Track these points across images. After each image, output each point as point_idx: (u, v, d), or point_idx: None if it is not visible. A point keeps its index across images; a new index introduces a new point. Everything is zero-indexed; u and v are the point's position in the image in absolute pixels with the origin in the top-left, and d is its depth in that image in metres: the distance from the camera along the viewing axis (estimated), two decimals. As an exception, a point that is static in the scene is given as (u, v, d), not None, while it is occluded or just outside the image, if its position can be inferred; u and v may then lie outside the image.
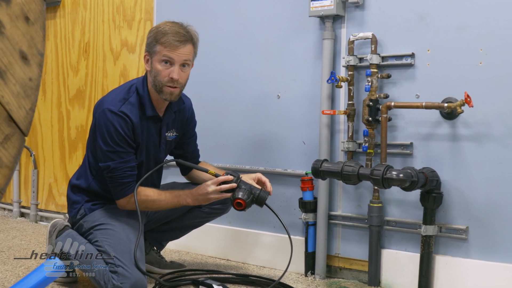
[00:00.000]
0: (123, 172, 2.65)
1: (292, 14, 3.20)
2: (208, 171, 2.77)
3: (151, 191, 2.74)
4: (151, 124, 2.76)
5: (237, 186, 2.69)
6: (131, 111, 2.66)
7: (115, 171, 2.64)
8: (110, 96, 2.73)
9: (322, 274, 3.06)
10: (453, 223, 2.73)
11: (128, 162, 2.66)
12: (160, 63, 2.64)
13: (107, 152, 2.63)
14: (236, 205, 2.67)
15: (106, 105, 2.65)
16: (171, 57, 2.62)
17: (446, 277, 2.73)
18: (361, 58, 2.96)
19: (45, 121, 4.52)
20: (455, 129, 2.72)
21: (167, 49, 2.62)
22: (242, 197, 2.65)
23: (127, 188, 2.67)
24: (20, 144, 1.18)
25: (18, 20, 1.16)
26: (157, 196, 2.73)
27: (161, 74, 2.64)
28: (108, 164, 2.64)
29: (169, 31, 2.63)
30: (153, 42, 2.66)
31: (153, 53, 2.66)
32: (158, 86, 2.66)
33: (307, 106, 3.16)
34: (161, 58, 2.63)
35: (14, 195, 4.68)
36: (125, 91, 2.72)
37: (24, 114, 1.18)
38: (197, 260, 3.43)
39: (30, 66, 1.18)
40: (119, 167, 2.64)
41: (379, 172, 2.59)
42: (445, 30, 2.74)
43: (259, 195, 2.68)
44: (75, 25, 4.32)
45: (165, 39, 2.62)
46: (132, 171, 2.68)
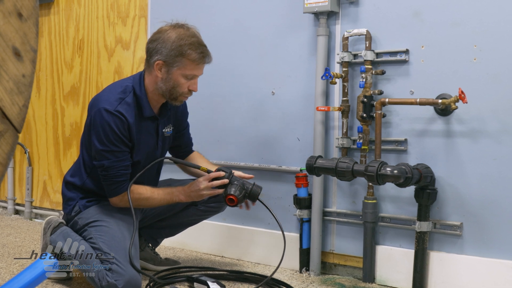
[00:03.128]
0: (117, 171, 2.65)
1: (286, 11, 3.20)
2: (200, 168, 2.78)
3: (144, 188, 2.74)
4: (148, 123, 2.77)
5: (229, 182, 2.70)
6: (127, 111, 2.65)
7: (109, 169, 2.64)
8: (105, 94, 2.71)
9: (316, 271, 3.07)
10: (448, 219, 2.74)
11: (122, 161, 2.66)
12: (184, 77, 2.66)
13: (102, 151, 2.63)
14: (228, 201, 2.68)
15: (102, 104, 2.64)
16: (196, 74, 2.70)
17: (440, 273, 2.74)
18: (355, 54, 2.97)
19: (40, 118, 4.51)
20: (450, 125, 2.72)
21: (196, 67, 2.67)
22: (234, 193, 2.66)
23: (121, 187, 2.67)
24: (14, 141, 1.18)
25: (11, 16, 1.15)
26: (150, 194, 2.74)
27: (182, 87, 2.68)
28: (103, 162, 2.64)
29: (194, 45, 2.64)
30: (177, 55, 2.63)
31: (174, 66, 2.65)
32: (174, 95, 2.69)
33: (301, 103, 3.16)
34: (187, 74, 2.66)
35: (9, 193, 4.68)
36: (121, 91, 2.70)
37: (17, 111, 1.18)
38: (191, 257, 3.43)
39: (23, 62, 1.18)
40: (114, 166, 2.64)
41: (373, 168, 2.59)
42: (440, 26, 2.74)
43: (252, 190, 2.70)
44: (69, 21, 4.31)
45: (193, 57, 2.64)
46: (126, 170, 2.68)
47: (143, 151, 2.77)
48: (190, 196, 2.75)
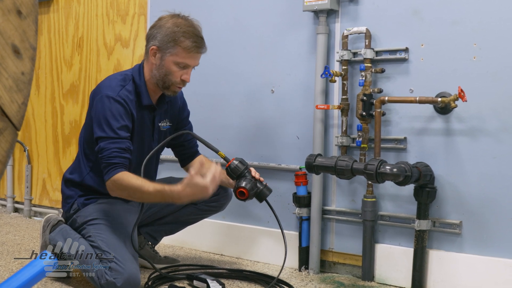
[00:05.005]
0: (111, 152, 2.58)
1: (286, 9, 3.20)
2: (218, 152, 2.71)
3: (136, 178, 2.57)
4: (146, 113, 2.77)
5: (243, 175, 2.65)
6: (128, 97, 2.68)
7: (103, 151, 2.59)
8: (106, 82, 2.74)
9: (316, 269, 3.07)
10: (447, 217, 2.74)
11: (118, 143, 2.60)
12: (175, 65, 2.66)
13: (102, 135, 2.61)
14: (238, 194, 2.62)
15: (104, 91, 2.66)
16: (189, 64, 2.68)
17: (439, 271, 2.74)
18: (355, 52, 2.96)
19: (39, 116, 4.51)
20: (449, 123, 2.72)
21: (188, 55, 2.66)
22: (246, 186, 2.62)
23: (113, 169, 2.57)
24: (13, 139, 1.18)
25: (10, 14, 1.15)
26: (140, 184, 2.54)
27: (174, 75, 2.68)
28: (100, 144, 2.62)
29: (189, 34, 2.65)
30: (170, 42, 2.65)
31: (167, 52, 2.66)
32: (167, 83, 2.69)
33: (301, 101, 3.16)
34: (178, 61, 2.66)
35: (8, 190, 4.68)
36: (121, 79, 2.73)
37: (16, 108, 1.17)
38: (191, 255, 3.43)
39: (23, 60, 1.18)
40: (108, 147, 2.59)
41: (373, 166, 2.59)
42: (439, 24, 2.74)
43: (262, 191, 2.66)
44: (69, 19, 4.31)
45: (186, 45, 2.64)
46: (121, 153, 2.59)
47: (140, 140, 2.77)
48: (193, 196, 2.48)
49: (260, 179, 2.70)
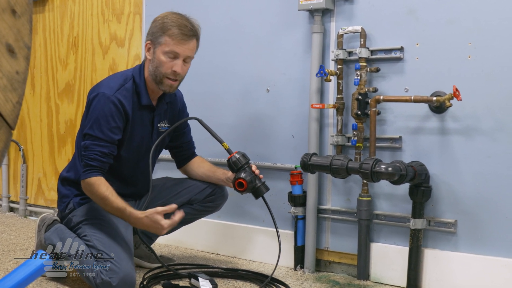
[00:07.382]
0: (92, 154, 2.60)
1: (281, 8, 3.20)
2: (223, 143, 2.74)
3: (106, 188, 2.58)
4: (145, 113, 2.77)
5: (244, 169, 2.68)
6: (126, 97, 2.67)
7: (86, 149, 2.62)
8: (106, 81, 2.75)
9: (311, 268, 3.07)
10: (442, 216, 2.74)
11: (101, 147, 2.61)
12: (164, 55, 2.65)
13: (89, 133, 2.63)
14: (237, 185, 2.65)
15: (101, 89, 2.67)
16: (176, 51, 2.64)
17: (435, 270, 2.75)
18: (350, 52, 2.97)
19: (34, 115, 4.49)
20: (444, 123, 2.73)
21: (174, 42, 2.63)
22: (245, 178, 2.64)
23: (89, 172, 2.60)
24: (7, 138, 1.18)
25: (4, 13, 1.15)
26: (108, 196, 2.57)
27: (164, 66, 2.66)
28: (85, 142, 2.63)
29: (176, 23, 2.64)
30: (159, 32, 2.66)
31: (157, 44, 2.66)
32: (159, 76, 2.68)
33: (296, 100, 3.16)
34: (166, 51, 2.64)
35: (3, 190, 4.67)
36: (123, 78, 2.73)
37: (11, 108, 1.17)
38: (186, 255, 3.43)
39: (17, 59, 1.18)
40: (91, 148, 2.61)
41: (368, 165, 2.59)
42: (434, 23, 2.75)
43: (260, 187, 2.68)
44: (64, 19, 4.30)
45: (172, 32, 2.63)
46: (102, 157, 2.61)
47: (139, 140, 2.76)
48: (147, 228, 2.55)
49: (260, 176, 2.72)
